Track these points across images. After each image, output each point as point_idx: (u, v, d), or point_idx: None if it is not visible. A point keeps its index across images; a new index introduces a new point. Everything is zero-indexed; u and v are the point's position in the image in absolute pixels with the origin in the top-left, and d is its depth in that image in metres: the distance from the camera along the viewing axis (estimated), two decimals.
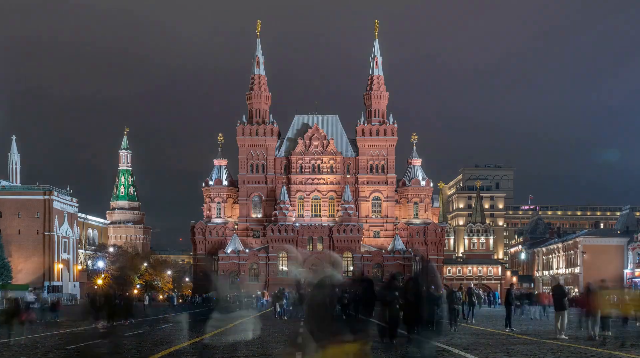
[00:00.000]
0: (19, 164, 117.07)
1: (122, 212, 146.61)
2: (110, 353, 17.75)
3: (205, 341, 19.96)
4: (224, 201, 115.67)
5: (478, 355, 17.00)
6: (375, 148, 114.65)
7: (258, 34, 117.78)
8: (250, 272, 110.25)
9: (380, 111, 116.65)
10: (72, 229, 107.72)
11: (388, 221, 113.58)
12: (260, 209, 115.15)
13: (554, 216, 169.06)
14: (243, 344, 20.24)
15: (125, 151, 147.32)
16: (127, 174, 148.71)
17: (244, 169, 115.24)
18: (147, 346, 20.18)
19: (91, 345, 20.85)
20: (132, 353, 18.20)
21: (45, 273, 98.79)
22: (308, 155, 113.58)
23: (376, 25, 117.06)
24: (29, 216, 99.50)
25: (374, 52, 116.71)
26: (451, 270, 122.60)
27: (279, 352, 18.00)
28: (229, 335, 19.22)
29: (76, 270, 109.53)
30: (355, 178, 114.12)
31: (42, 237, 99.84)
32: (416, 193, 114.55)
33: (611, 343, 20.16)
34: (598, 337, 21.60)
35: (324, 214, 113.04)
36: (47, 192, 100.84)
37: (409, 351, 15.62)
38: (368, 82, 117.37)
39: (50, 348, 19.82)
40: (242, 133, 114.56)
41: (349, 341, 9.76)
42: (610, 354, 17.46)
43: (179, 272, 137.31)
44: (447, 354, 17.41)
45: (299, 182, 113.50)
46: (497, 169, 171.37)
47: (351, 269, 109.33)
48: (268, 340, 22.10)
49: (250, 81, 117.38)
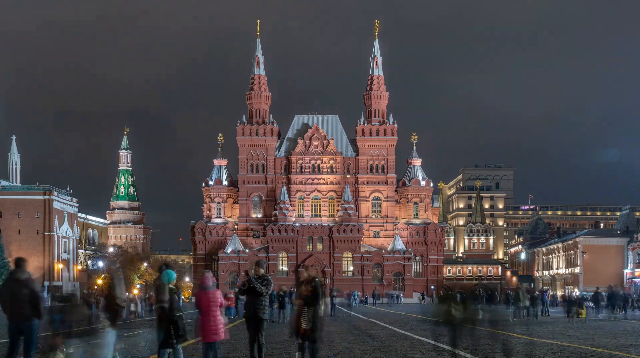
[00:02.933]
0: (19, 164, 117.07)
1: (122, 212, 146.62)
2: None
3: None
4: (224, 201, 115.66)
5: (478, 355, 16.99)
6: (375, 148, 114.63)
7: (258, 34, 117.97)
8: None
9: (380, 111, 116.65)
10: (72, 229, 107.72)
11: (388, 221, 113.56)
12: (260, 209, 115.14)
13: (554, 216, 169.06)
14: (243, 343, 20.24)
15: (125, 151, 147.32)
16: (127, 174, 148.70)
17: (244, 169, 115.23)
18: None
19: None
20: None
21: (45, 273, 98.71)
22: (308, 155, 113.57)
23: (376, 25, 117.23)
24: (29, 216, 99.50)
25: (374, 52, 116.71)
26: (451, 270, 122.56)
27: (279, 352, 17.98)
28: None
29: (76, 270, 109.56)
30: (355, 178, 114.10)
31: (42, 237, 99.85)
32: (416, 193, 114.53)
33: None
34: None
35: (324, 214, 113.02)
36: (47, 192, 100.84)
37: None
38: (368, 82, 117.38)
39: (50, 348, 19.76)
40: (242, 133, 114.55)
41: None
42: (610, 354, 17.45)
43: (179, 272, 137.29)
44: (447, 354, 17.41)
45: (299, 182, 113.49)
46: (497, 169, 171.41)
47: (351, 269, 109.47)
48: (268, 340, 22.07)
49: (250, 81, 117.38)
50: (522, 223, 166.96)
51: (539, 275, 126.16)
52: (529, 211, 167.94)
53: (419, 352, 17.75)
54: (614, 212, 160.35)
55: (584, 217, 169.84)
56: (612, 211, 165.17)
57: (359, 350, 18.23)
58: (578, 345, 20.04)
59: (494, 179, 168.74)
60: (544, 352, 17.92)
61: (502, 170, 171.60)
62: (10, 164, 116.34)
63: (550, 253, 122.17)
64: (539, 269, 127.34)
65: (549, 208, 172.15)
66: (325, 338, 22.41)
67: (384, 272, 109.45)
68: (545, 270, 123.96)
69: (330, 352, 17.77)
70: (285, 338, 21.24)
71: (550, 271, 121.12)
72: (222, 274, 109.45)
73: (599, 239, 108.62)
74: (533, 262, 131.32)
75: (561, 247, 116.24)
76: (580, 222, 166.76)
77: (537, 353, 17.62)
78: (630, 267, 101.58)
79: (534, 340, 21.55)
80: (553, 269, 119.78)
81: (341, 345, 19.72)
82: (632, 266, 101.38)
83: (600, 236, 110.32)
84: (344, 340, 21.47)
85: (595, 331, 27.43)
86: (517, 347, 18.72)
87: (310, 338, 13.04)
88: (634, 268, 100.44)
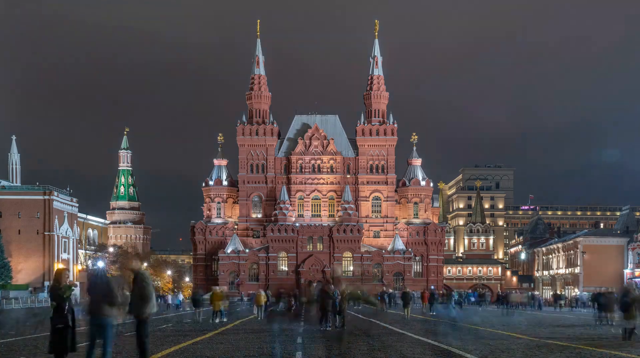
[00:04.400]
0: (19, 164, 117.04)
1: (122, 212, 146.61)
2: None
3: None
4: (224, 201, 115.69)
5: (478, 355, 17.00)
6: (375, 148, 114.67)
7: (258, 34, 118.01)
8: (250, 272, 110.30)
9: (380, 111, 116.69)
10: (72, 229, 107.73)
11: (388, 221, 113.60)
12: (260, 209, 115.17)
13: (554, 216, 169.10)
14: (243, 343, 20.25)
15: (125, 151, 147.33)
16: (127, 174, 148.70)
17: (244, 169, 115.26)
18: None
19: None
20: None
21: (45, 273, 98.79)
22: (308, 155, 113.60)
23: (376, 25, 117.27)
24: (29, 216, 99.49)
25: (374, 52, 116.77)
26: (451, 270, 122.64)
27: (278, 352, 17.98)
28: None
29: (76, 270, 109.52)
30: (355, 178, 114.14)
31: (42, 237, 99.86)
32: (416, 193, 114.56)
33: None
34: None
35: (324, 214, 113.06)
36: (47, 192, 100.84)
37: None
38: (368, 82, 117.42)
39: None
40: (242, 133, 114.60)
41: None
42: (610, 354, 17.45)
43: (179, 272, 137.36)
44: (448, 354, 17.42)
45: (299, 182, 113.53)
46: (497, 169, 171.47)
47: (351, 269, 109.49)
48: (268, 340, 22.09)
49: (250, 81, 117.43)
50: (522, 223, 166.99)
51: (539, 275, 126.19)
52: (529, 211, 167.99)
53: (419, 352, 17.75)
54: (614, 212, 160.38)
55: (584, 217, 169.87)
56: (612, 211, 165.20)
57: (359, 350, 18.22)
58: (577, 345, 20.02)
59: (494, 179, 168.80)
60: (544, 352, 17.92)
61: (502, 170, 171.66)
62: (10, 164, 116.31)
63: (550, 253, 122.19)
64: (539, 269, 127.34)
65: (549, 208, 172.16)
66: (325, 338, 22.44)
67: (384, 272, 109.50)
68: (545, 270, 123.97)
69: (330, 352, 17.77)
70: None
71: (550, 271, 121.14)
72: (222, 274, 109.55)
73: (599, 239, 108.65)
74: (533, 262, 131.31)
75: (561, 247, 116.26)
76: (580, 222, 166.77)
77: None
78: (630, 267, 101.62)
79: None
80: (553, 269, 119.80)
81: (341, 345, 19.72)
82: (632, 266, 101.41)
83: (600, 236, 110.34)
84: (344, 340, 21.46)
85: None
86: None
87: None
88: (634, 268, 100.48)
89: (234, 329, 28.43)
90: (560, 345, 19.88)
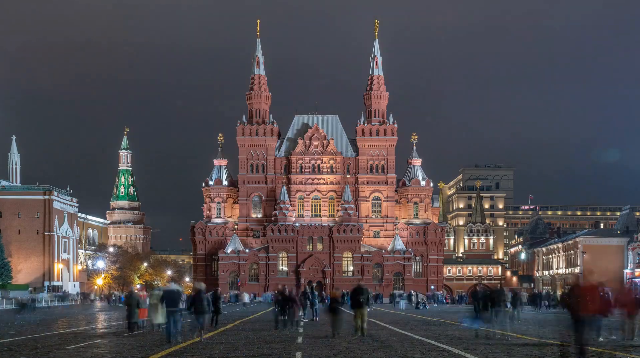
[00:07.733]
0: (19, 164, 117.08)
1: (122, 212, 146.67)
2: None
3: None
4: (224, 201, 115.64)
5: (478, 354, 17.00)
6: (375, 148, 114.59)
7: (258, 34, 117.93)
8: (250, 272, 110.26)
9: (380, 111, 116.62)
10: (72, 229, 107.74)
11: (388, 221, 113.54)
12: (260, 209, 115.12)
13: (554, 216, 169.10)
14: (243, 343, 20.26)
15: (125, 151, 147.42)
16: (127, 174, 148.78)
17: (244, 169, 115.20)
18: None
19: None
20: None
21: (45, 273, 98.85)
22: (308, 155, 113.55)
23: (376, 25, 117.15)
24: (29, 216, 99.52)
25: (374, 52, 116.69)
26: (451, 270, 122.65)
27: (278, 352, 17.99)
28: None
29: (76, 270, 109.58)
30: (355, 178, 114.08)
31: (42, 237, 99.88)
32: (416, 193, 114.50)
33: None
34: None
35: (324, 214, 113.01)
36: (47, 192, 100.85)
37: None
38: (368, 82, 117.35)
39: (50, 348, 19.80)
40: (242, 133, 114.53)
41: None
42: (610, 354, 17.44)
43: (179, 272, 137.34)
44: (447, 353, 17.42)
45: (299, 182, 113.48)
46: (497, 169, 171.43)
47: (351, 269, 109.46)
48: (268, 340, 22.10)
49: (250, 81, 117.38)
50: (522, 223, 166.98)
51: (539, 275, 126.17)
52: (529, 211, 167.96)
53: (419, 352, 17.75)
54: (614, 212, 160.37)
55: (584, 217, 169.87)
56: (612, 211, 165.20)
57: (359, 350, 18.22)
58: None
59: (494, 179, 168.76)
60: (544, 352, 17.86)
61: (502, 170, 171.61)
62: (10, 164, 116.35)
63: (550, 253, 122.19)
64: (539, 269, 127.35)
65: (549, 208, 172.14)
66: (324, 338, 22.44)
67: (384, 272, 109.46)
68: (545, 270, 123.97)
69: (330, 352, 17.77)
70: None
71: (550, 271, 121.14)
72: (222, 274, 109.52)
73: (599, 239, 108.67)
74: (533, 262, 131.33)
75: (561, 247, 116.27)
76: (580, 222, 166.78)
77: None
78: (630, 267, 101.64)
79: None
80: (553, 269, 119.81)
81: (341, 345, 19.73)
82: (632, 266, 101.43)
83: (600, 236, 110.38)
84: (344, 340, 21.48)
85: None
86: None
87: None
88: (634, 268, 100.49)
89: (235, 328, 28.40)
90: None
